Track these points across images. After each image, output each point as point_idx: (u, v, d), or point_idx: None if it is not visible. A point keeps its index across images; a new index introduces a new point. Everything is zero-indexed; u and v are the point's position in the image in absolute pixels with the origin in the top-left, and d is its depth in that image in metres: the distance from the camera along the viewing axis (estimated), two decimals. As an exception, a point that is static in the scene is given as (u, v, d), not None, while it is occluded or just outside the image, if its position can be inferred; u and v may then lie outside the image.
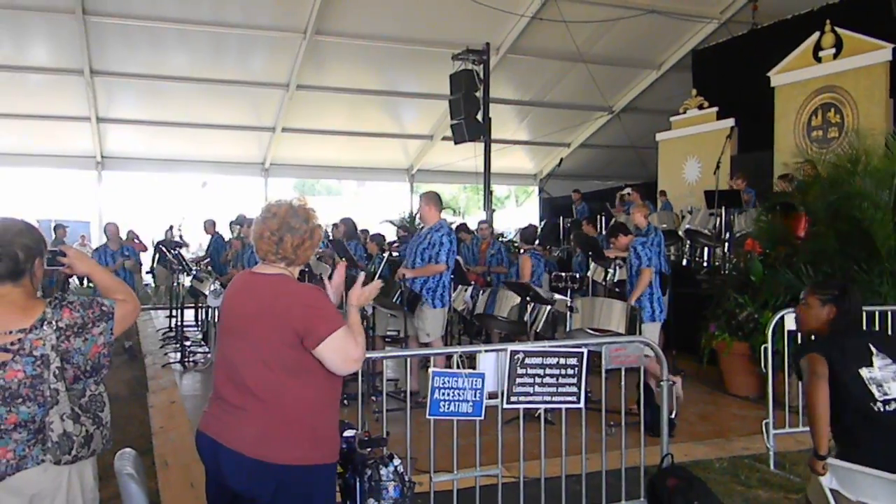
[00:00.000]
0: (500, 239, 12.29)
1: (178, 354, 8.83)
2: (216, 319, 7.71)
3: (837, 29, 10.37)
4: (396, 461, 2.82)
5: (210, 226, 12.52)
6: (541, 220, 17.37)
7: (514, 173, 20.63)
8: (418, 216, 6.83)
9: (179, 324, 9.65)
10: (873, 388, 3.00)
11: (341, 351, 2.54)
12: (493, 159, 13.73)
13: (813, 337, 3.35)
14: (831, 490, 3.08)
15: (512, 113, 17.11)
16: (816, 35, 10.65)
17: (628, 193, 13.04)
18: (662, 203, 12.41)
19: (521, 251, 8.56)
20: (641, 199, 12.24)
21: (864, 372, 3.03)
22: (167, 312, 11.06)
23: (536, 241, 9.06)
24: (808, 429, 5.49)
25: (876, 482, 2.85)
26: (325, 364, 2.54)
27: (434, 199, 6.89)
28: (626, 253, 6.94)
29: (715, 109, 12.81)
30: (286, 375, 2.54)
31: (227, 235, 12.17)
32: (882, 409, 2.98)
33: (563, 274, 8.43)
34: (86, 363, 2.36)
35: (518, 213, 29.04)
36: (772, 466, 5.04)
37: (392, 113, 17.12)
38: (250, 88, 15.04)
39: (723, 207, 9.55)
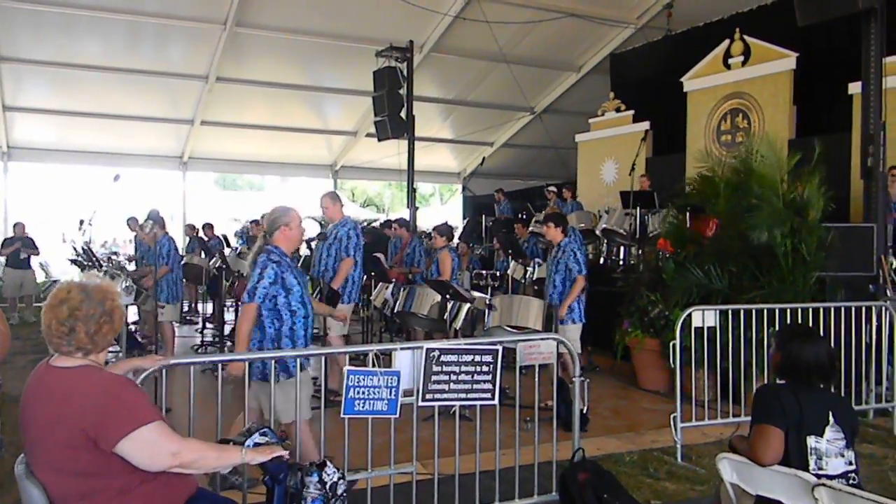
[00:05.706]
0: (423, 236, 12.29)
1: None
2: (127, 319, 7.46)
3: (746, 37, 10.77)
4: (330, 470, 2.71)
5: (133, 223, 11.73)
6: (464, 218, 17.51)
7: (438, 171, 20.66)
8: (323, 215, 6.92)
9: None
10: (811, 460, 2.98)
11: (147, 448, 2.30)
12: (417, 157, 13.73)
13: (779, 381, 3.28)
14: (731, 484, 3.23)
15: (436, 111, 17.12)
16: (727, 42, 11.04)
17: (552, 191, 13.29)
18: (572, 203, 12.59)
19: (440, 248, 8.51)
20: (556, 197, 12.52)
21: (810, 440, 3.00)
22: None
23: (455, 238, 9.09)
24: (713, 422, 5.76)
25: (773, 476, 2.98)
26: (133, 463, 2.31)
27: (336, 197, 7.17)
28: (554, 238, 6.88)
29: (631, 112, 13.12)
30: (87, 481, 2.31)
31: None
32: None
33: (485, 272, 8.56)
34: None
35: (443, 210, 29.15)
36: (679, 459, 5.23)
37: (315, 108, 16.89)
38: (168, 79, 14.55)
39: (637, 208, 9.81)
